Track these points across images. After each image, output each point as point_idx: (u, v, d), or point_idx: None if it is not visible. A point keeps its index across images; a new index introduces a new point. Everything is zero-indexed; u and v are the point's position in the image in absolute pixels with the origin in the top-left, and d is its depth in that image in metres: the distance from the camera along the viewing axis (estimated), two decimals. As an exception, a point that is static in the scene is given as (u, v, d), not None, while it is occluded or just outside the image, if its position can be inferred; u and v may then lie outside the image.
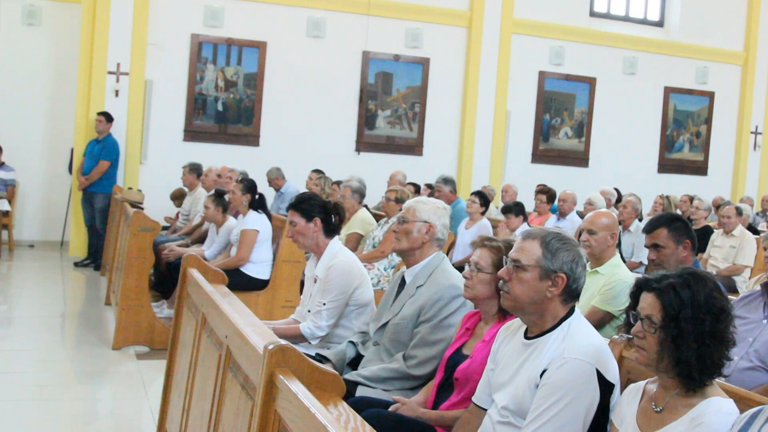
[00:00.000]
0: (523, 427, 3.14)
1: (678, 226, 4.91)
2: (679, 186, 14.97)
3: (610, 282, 5.23)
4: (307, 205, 5.21)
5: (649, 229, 4.97)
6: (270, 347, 2.86)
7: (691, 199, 11.88)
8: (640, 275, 3.02)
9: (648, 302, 2.83)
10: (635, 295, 2.92)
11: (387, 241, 8.19)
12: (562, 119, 15.19)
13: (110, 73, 12.33)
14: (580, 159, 15.38)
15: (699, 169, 16.58)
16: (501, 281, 3.33)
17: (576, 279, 3.28)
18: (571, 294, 3.30)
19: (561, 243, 3.28)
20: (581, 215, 9.75)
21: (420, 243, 4.54)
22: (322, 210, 5.21)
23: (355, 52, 13.78)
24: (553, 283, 3.24)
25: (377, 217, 9.34)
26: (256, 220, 7.92)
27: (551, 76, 15.06)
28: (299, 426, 2.61)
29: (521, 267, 3.27)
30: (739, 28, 16.79)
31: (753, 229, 11.53)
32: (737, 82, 16.87)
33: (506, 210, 9.51)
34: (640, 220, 9.68)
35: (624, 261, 8.73)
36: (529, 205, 11.35)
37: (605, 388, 3.13)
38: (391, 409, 3.88)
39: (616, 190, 13.50)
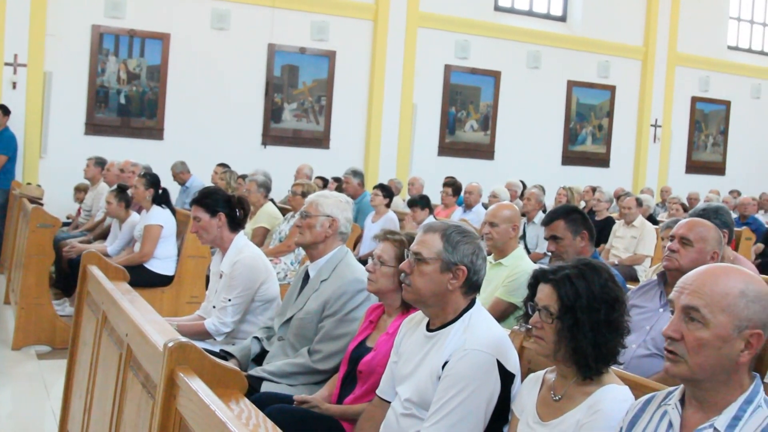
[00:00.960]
0: (427, 419, 3.16)
1: (575, 218, 4.99)
2: (582, 178, 15.25)
3: (513, 274, 5.30)
4: (211, 199, 5.14)
5: (547, 221, 5.05)
6: (170, 345, 2.83)
7: (594, 190, 12.12)
8: (544, 266, 3.08)
9: (545, 293, 2.88)
10: (533, 287, 2.97)
11: (293, 235, 8.15)
12: (467, 112, 15.33)
13: (7, 64, 11.97)
14: (485, 152, 15.55)
15: (601, 161, 16.94)
16: (403, 274, 3.35)
17: (476, 271, 3.32)
18: (472, 286, 3.33)
19: (461, 236, 3.32)
20: (487, 207, 9.86)
21: (323, 237, 4.53)
22: (226, 205, 5.15)
23: (261, 45, 13.66)
24: (454, 275, 3.27)
25: (283, 211, 9.29)
26: (159, 216, 7.80)
27: (457, 70, 15.17)
28: (200, 424, 2.59)
29: (422, 260, 3.29)
30: (638, 24, 17.20)
31: (654, 219, 11.85)
32: (637, 76, 17.28)
33: (412, 203, 9.56)
34: (544, 211, 9.84)
35: (529, 252, 8.91)
36: (436, 198, 11.43)
37: (506, 378, 3.17)
38: (295, 404, 3.88)
39: (522, 182, 13.71)
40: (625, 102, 17.09)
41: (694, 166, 18.25)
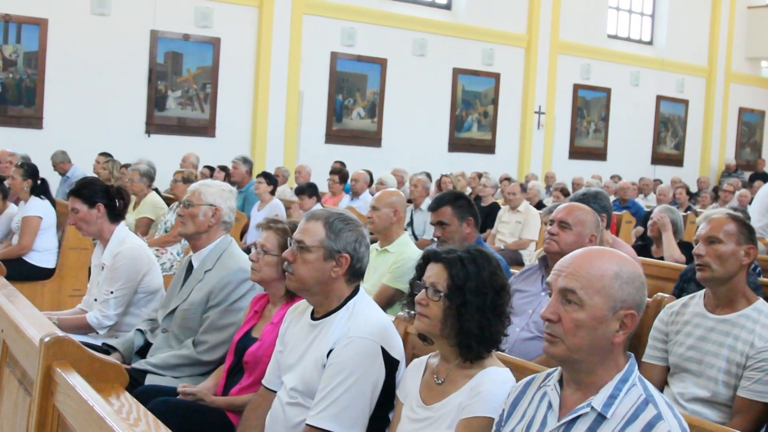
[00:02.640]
0: (312, 407, 3.16)
1: (461, 204, 5.06)
2: (468, 164, 15.46)
3: (399, 260, 5.34)
4: (89, 190, 5.00)
5: (434, 207, 5.10)
6: (46, 339, 2.76)
7: (479, 176, 12.28)
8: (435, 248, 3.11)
9: (434, 272, 2.92)
10: (422, 267, 3.01)
11: (179, 225, 8.02)
12: (354, 100, 15.33)
13: None
14: (372, 139, 15.59)
15: (487, 147, 17.18)
16: (286, 263, 3.33)
17: (360, 258, 3.33)
18: (356, 273, 3.34)
19: (344, 223, 3.32)
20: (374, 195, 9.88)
21: (206, 226, 4.47)
22: (104, 195, 5.01)
23: (143, 31, 13.34)
24: (337, 263, 3.27)
25: (168, 201, 9.13)
26: (38, 207, 7.55)
27: (343, 57, 15.14)
28: (78, 420, 2.53)
29: (305, 248, 3.28)
30: (521, 12, 17.48)
31: (543, 205, 12.06)
32: (521, 64, 17.58)
33: (299, 191, 9.52)
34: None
35: (416, 239, 8.98)
36: (324, 186, 11.41)
37: (390, 364, 3.20)
38: (179, 396, 3.82)
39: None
40: (510, 89, 17.36)
41: (576, 152, 18.69)
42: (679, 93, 20.40)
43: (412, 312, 3.00)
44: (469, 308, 2.84)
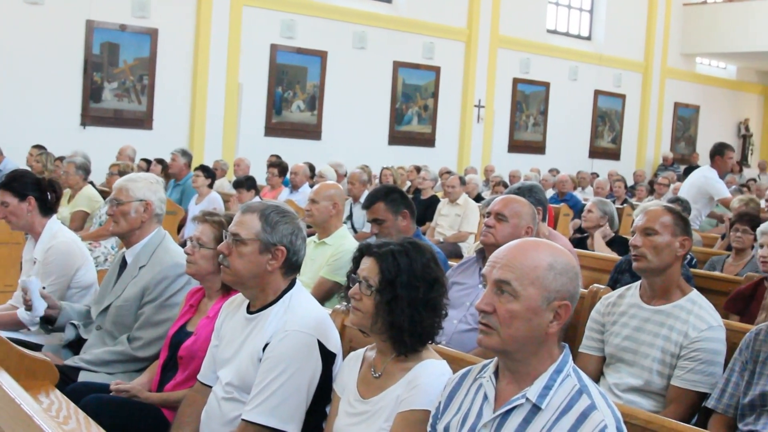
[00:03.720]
0: (248, 402, 3.12)
1: (395, 198, 5.05)
2: (408, 157, 15.48)
3: (337, 253, 5.32)
4: (19, 183, 4.89)
5: (367, 205, 5.09)
6: (-28, 337, 2.69)
7: (419, 169, 12.30)
8: (371, 241, 3.09)
9: (367, 266, 2.91)
10: (357, 260, 3.00)
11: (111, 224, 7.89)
12: (294, 92, 15.24)
13: None
14: (312, 132, 15.52)
15: (427, 140, 17.22)
16: (221, 256, 3.28)
17: (296, 251, 3.30)
18: (292, 267, 3.31)
19: (280, 216, 3.28)
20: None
21: (139, 222, 4.38)
22: (35, 188, 4.90)
23: (78, 21, 13.10)
24: (273, 256, 3.24)
25: (104, 194, 8.98)
26: (-34, 201, 7.37)
27: (283, 50, 15.04)
28: (6, 419, 2.47)
29: (241, 241, 3.24)
30: (462, 7, 17.55)
31: (482, 198, 12.12)
32: (461, 57, 17.64)
33: (238, 184, 9.44)
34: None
35: (356, 232, 8.97)
36: (263, 179, 11.34)
37: (327, 358, 3.18)
38: (112, 393, 3.76)
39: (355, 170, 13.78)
40: (450, 83, 17.42)
41: (516, 146, 18.84)
42: (616, 88, 20.67)
43: (349, 305, 2.98)
44: (400, 302, 2.83)
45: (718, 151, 8.92)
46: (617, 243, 7.06)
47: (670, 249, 3.79)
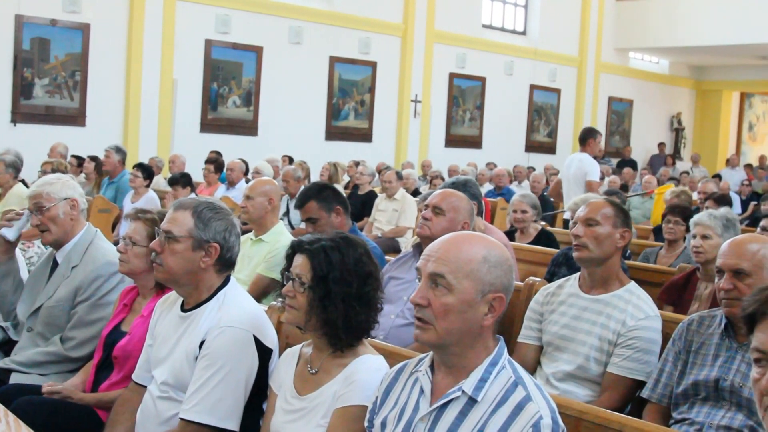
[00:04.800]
0: (185, 401, 3.09)
1: (326, 195, 5.03)
2: (346, 152, 15.43)
3: (274, 249, 5.28)
4: (-55, 182, 4.77)
5: (300, 204, 5.06)
6: None
7: (356, 164, 12.29)
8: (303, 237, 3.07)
9: (299, 263, 2.90)
10: (290, 257, 2.98)
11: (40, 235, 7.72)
12: (230, 88, 15.08)
13: None
14: (249, 128, 15.38)
15: (364, 136, 17.18)
16: (153, 254, 3.24)
17: (230, 248, 3.27)
18: (226, 263, 3.28)
19: (213, 212, 3.25)
20: (250, 184, 9.75)
21: (70, 222, 4.29)
22: (-37, 187, 4.79)
23: (7, 16, 12.77)
24: (207, 253, 3.21)
25: (35, 193, 8.79)
26: None
27: (218, 45, 14.88)
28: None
29: (173, 238, 3.19)
30: (397, 1, 17.52)
31: (419, 192, 12.15)
32: (397, 52, 17.63)
33: (173, 181, 9.32)
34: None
35: (293, 228, 8.92)
36: (199, 176, 11.23)
37: (263, 353, 3.16)
38: (44, 395, 3.69)
39: (289, 157, 13.71)
40: (386, 78, 17.40)
41: (453, 140, 18.90)
42: (551, 82, 20.86)
43: (284, 302, 2.96)
44: (333, 298, 2.82)
45: (591, 135, 9.14)
46: (546, 235, 7.13)
47: (611, 240, 3.85)
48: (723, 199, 8.11)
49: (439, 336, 2.37)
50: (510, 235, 7.30)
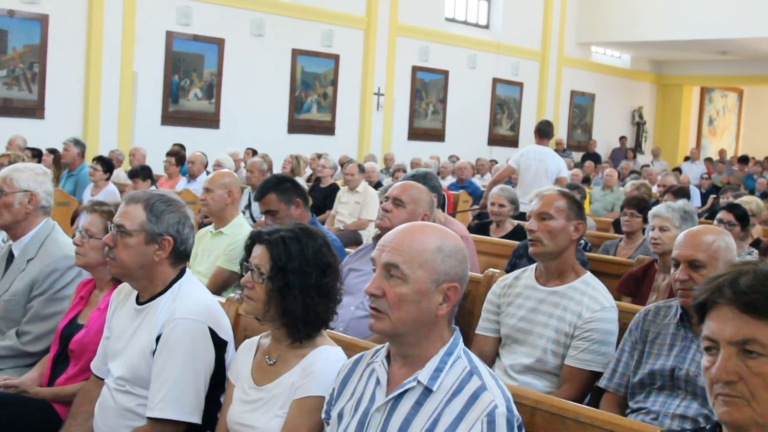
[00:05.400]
0: (150, 399, 3.08)
1: (286, 187, 5.01)
2: (308, 145, 15.36)
3: (233, 242, 5.27)
4: None
5: (259, 197, 5.04)
6: None
7: (319, 157, 12.27)
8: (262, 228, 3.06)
9: (258, 253, 2.89)
10: (249, 248, 2.97)
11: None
12: (191, 80, 14.95)
13: None
14: (210, 120, 15.26)
15: (327, 128, 17.14)
16: (107, 248, 3.20)
17: (184, 240, 3.24)
18: (180, 256, 3.26)
19: (166, 205, 3.22)
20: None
21: (23, 214, 4.23)
22: None
23: (-37, 8, 12.64)
24: (160, 246, 3.18)
25: (-7, 186, 8.68)
26: None
27: (179, 37, 14.74)
28: None
29: (125, 232, 3.16)
30: (361, -6, 17.52)
31: (381, 185, 12.14)
32: (360, 45, 17.60)
33: (132, 174, 9.25)
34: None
35: (254, 221, 8.88)
36: (161, 169, 11.14)
37: (219, 345, 3.15)
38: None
39: (253, 150, 13.65)
40: (349, 71, 17.37)
41: (415, 133, 18.91)
42: (514, 76, 20.93)
43: (242, 293, 2.95)
44: (292, 289, 2.81)
45: (552, 129, 9.72)
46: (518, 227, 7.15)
47: (565, 233, 3.86)
48: (681, 192, 8.18)
49: (393, 326, 2.37)
50: (485, 227, 7.33)
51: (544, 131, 9.52)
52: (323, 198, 10.51)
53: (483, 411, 2.26)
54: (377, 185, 11.13)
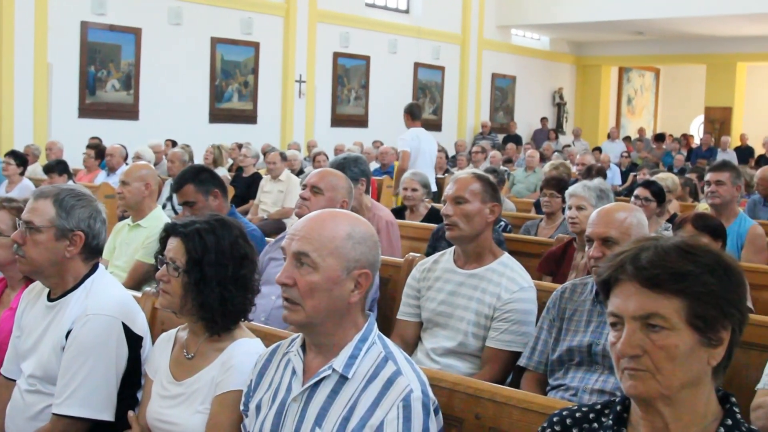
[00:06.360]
0: (56, 394, 3.01)
1: (204, 178, 4.97)
2: (230, 135, 15.20)
3: (152, 235, 5.19)
4: None
5: (176, 188, 5.00)
6: None
7: (240, 147, 12.18)
8: (176, 220, 3.02)
9: (173, 246, 2.85)
10: (163, 241, 2.92)
11: None
12: (108, 71, 14.65)
13: None
14: (129, 112, 14.98)
15: (249, 117, 16.97)
16: (15, 245, 3.13)
17: (96, 235, 3.18)
18: (92, 251, 3.20)
19: (76, 200, 3.15)
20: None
21: None
22: None
23: None
24: (71, 242, 3.12)
25: None
26: None
27: (94, 27, 14.41)
28: None
29: (35, 229, 3.09)
30: (280, -20, 17.37)
31: (304, 172, 12.09)
32: (280, 32, 17.45)
33: (48, 169, 9.05)
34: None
35: (176, 213, 8.77)
36: (80, 162, 10.94)
37: (133, 341, 3.10)
38: None
39: (172, 141, 13.47)
40: (270, 58, 17.22)
41: (338, 120, 18.85)
42: (435, 60, 20.99)
43: (159, 287, 2.91)
44: (209, 282, 2.78)
45: (420, 108, 10.29)
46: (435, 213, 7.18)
47: (481, 216, 3.87)
48: (598, 171, 8.32)
49: (307, 315, 2.36)
50: (400, 213, 7.34)
51: (417, 114, 9.84)
52: (246, 187, 10.44)
53: (399, 396, 2.26)
54: (300, 173, 11.09)
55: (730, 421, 1.90)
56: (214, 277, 2.79)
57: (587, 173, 8.10)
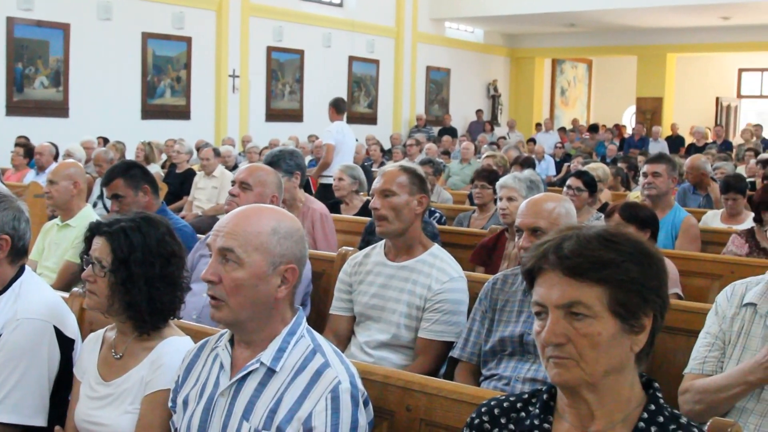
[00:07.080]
0: None
1: (134, 173, 4.95)
2: (163, 131, 15.03)
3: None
4: None
5: (106, 181, 4.97)
6: None
7: (174, 142, 12.06)
8: (101, 219, 2.98)
9: (99, 246, 2.82)
10: (88, 240, 2.88)
11: None
12: (36, 68, 14.37)
13: None
14: (59, 109, 14.71)
15: (182, 113, 16.79)
16: (-65, 254, 3.06)
17: (21, 236, 3.13)
18: (19, 252, 3.15)
19: None
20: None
21: None
22: None
23: None
24: (-2, 246, 3.06)
25: None
26: None
27: (21, 23, 14.11)
28: None
29: None
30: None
31: (238, 168, 11.99)
32: (213, 27, 17.29)
33: (-25, 168, 8.88)
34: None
35: (108, 212, 8.66)
36: (7, 161, 10.73)
37: (65, 344, 3.06)
38: None
39: (104, 138, 13.29)
40: (203, 53, 17.05)
41: (273, 114, 18.76)
42: (369, 53, 20.99)
43: (85, 287, 2.87)
44: (136, 281, 2.75)
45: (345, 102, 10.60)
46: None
47: (409, 208, 3.89)
48: (527, 162, 8.41)
49: (233, 312, 2.35)
50: (336, 206, 7.35)
51: (342, 108, 10.08)
52: (179, 184, 10.34)
53: (327, 387, 2.28)
54: (235, 168, 11.01)
55: (653, 406, 1.94)
56: (141, 275, 2.75)
57: (515, 164, 8.18)
